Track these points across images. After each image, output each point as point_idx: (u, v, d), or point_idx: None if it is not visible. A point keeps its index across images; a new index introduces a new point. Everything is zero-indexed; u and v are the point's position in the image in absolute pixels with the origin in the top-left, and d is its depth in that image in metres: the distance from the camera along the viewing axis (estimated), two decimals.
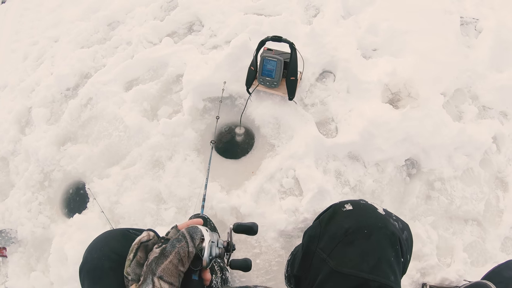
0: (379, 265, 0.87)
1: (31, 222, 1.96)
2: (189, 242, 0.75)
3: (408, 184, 1.83)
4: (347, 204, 1.01)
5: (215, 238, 0.81)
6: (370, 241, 0.90)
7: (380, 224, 0.93)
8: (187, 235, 0.76)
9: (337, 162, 1.79)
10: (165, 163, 1.85)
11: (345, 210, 0.99)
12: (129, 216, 1.76)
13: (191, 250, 0.74)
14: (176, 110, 2.02)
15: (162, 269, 0.71)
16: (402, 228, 1.00)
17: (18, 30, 3.08)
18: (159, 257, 0.73)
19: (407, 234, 1.01)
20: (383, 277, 0.86)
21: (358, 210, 0.99)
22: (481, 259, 1.77)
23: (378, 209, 0.99)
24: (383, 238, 0.91)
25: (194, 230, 0.78)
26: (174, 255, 0.72)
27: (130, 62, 2.22)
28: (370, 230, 0.92)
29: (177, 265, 0.72)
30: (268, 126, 1.89)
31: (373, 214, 0.97)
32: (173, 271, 0.71)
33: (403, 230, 1.00)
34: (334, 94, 1.96)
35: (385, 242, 0.91)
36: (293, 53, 1.69)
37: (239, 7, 2.37)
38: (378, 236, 0.91)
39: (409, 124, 1.75)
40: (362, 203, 1.02)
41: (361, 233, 0.92)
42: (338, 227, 0.95)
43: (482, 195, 1.86)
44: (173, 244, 0.74)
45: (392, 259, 0.90)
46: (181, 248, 0.73)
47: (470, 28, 2.34)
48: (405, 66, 1.96)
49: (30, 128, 2.30)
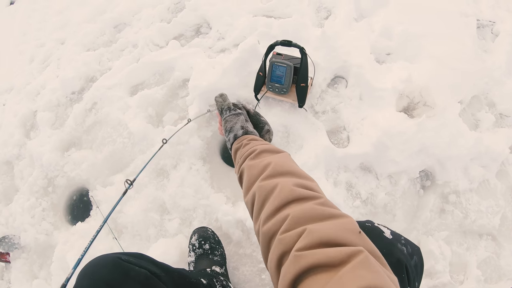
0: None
1: (35, 228, 1.93)
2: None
3: (421, 197, 1.76)
4: None
5: None
6: None
7: (384, 251, 0.86)
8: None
9: (348, 173, 1.72)
10: (169, 172, 1.80)
11: None
12: (132, 226, 1.72)
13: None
14: (181, 116, 1.96)
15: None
16: (411, 253, 0.93)
17: (25, 32, 3.06)
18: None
19: (416, 259, 0.95)
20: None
21: None
22: (494, 275, 1.70)
23: (385, 233, 0.93)
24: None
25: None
26: None
27: (135, 65, 2.16)
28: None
29: None
30: (277, 135, 1.83)
31: (379, 239, 0.91)
32: None
33: (412, 255, 0.93)
34: (346, 101, 1.88)
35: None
36: (304, 58, 1.63)
37: (247, 9, 2.30)
38: None
39: (424, 134, 1.68)
40: (367, 226, 0.96)
41: None
42: None
43: (497, 208, 1.78)
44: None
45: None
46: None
47: (487, 31, 2.25)
48: (421, 72, 1.88)
49: (35, 132, 2.27)
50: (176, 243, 1.60)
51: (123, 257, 0.92)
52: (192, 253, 1.52)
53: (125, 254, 0.95)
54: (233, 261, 1.59)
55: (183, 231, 1.65)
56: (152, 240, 1.67)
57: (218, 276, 1.38)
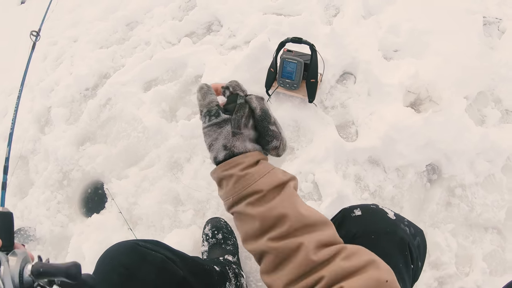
0: None
1: (50, 220, 1.98)
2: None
3: (428, 190, 1.80)
4: (356, 209, 0.99)
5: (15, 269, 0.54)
6: (377, 247, 0.86)
7: (388, 230, 0.91)
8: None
9: (357, 166, 1.77)
10: (183, 165, 1.85)
11: (354, 216, 0.97)
12: (147, 218, 1.77)
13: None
14: (195, 111, 2.02)
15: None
16: (414, 234, 0.97)
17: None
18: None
19: (419, 240, 0.98)
20: None
21: (367, 215, 0.97)
22: (500, 268, 1.72)
23: (389, 214, 0.97)
24: (391, 244, 0.89)
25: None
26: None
27: (148, 62, 2.22)
28: (378, 235, 0.90)
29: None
30: (287, 129, 1.87)
31: (382, 219, 0.95)
32: None
33: (415, 236, 0.96)
34: (355, 96, 1.93)
35: (393, 248, 0.88)
36: (314, 55, 1.67)
37: (258, 7, 2.35)
38: (386, 241, 0.89)
39: (431, 129, 1.72)
40: (372, 208, 0.99)
41: (367, 238, 0.90)
42: (346, 232, 0.93)
43: (503, 202, 1.81)
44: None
45: (400, 266, 0.87)
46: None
47: (493, 28, 2.28)
48: (427, 68, 1.92)
49: (49, 128, 2.32)
50: (190, 233, 1.65)
51: (140, 243, 0.98)
52: (205, 243, 1.57)
53: (142, 241, 1.00)
54: (245, 251, 1.63)
55: (196, 222, 1.70)
56: (167, 231, 1.72)
57: (231, 265, 1.43)
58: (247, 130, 0.78)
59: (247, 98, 0.81)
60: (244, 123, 0.77)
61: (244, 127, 0.77)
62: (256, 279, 1.60)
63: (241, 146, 0.76)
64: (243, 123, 0.77)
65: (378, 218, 0.95)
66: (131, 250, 0.95)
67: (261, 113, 0.78)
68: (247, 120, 0.78)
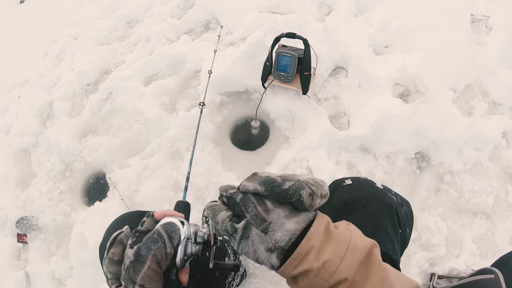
0: (376, 233, 0.92)
1: (52, 210, 2.04)
2: (167, 243, 0.63)
3: (418, 177, 1.88)
4: (347, 180, 1.06)
5: (192, 232, 0.69)
6: (367, 210, 0.95)
7: (377, 196, 0.98)
8: (165, 234, 0.64)
9: (349, 154, 1.85)
10: (183, 153, 1.93)
11: (345, 185, 1.05)
12: (148, 204, 1.83)
13: (169, 251, 0.63)
14: (194, 104, 2.10)
15: (141, 278, 0.61)
16: (401, 203, 1.04)
17: (38, 29, 3.19)
18: (134, 263, 0.62)
19: (406, 209, 1.05)
20: (380, 244, 0.87)
21: (357, 184, 1.05)
22: (489, 252, 1.79)
23: (377, 184, 1.05)
24: (380, 208, 0.96)
25: (172, 228, 0.65)
26: (151, 259, 0.61)
27: (149, 58, 2.31)
28: (367, 200, 0.97)
29: (157, 270, 0.62)
30: (282, 119, 1.96)
31: (371, 187, 1.03)
32: (153, 277, 0.62)
33: (402, 205, 1.04)
34: (346, 89, 2.02)
35: (382, 212, 0.95)
36: (307, 49, 1.76)
37: (254, 5, 2.45)
38: (375, 206, 0.96)
39: (418, 117, 1.81)
40: (362, 178, 1.08)
41: (358, 203, 0.97)
42: (338, 199, 1.00)
43: (491, 189, 1.89)
44: (148, 246, 0.62)
45: (389, 229, 0.94)
46: (157, 251, 0.62)
47: (481, 25, 2.38)
48: (415, 62, 2.02)
49: (51, 121, 2.39)
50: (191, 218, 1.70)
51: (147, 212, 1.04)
52: (205, 225, 1.62)
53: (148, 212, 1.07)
54: None
55: (197, 206, 1.77)
56: None
57: (230, 243, 1.49)
58: (273, 214, 0.59)
59: (241, 189, 0.63)
60: (264, 211, 0.59)
61: (268, 213, 0.59)
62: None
63: (284, 235, 0.57)
64: (263, 213, 0.59)
65: (367, 186, 1.04)
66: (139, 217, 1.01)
67: (265, 187, 0.60)
68: (263, 205, 0.60)
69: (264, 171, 0.64)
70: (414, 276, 1.64)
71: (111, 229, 1.02)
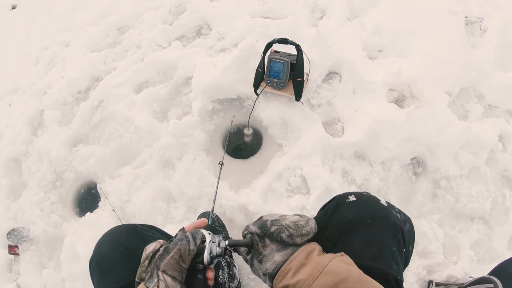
0: (382, 254, 0.88)
1: (43, 221, 2.00)
2: (191, 240, 0.80)
3: (414, 183, 1.86)
4: (350, 196, 1.01)
5: (216, 239, 0.86)
6: (372, 230, 0.91)
7: (382, 215, 0.94)
8: (189, 235, 0.82)
9: (344, 161, 1.82)
10: (175, 163, 1.90)
11: (349, 201, 0.99)
12: (140, 215, 1.80)
13: (192, 248, 0.79)
14: (185, 111, 2.07)
15: (164, 263, 0.76)
16: (404, 220, 1.01)
17: (29, 35, 3.15)
18: (162, 253, 0.78)
19: (409, 226, 1.02)
20: (385, 265, 0.87)
21: (361, 201, 0.99)
22: (487, 257, 1.78)
23: (381, 201, 1.00)
24: (385, 228, 0.92)
25: (196, 232, 0.83)
26: (176, 251, 0.77)
27: (140, 65, 2.27)
28: (373, 220, 0.93)
29: (178, 260, 0.77)
30: (275, 127, 1.93)
31: (376, 205, 0.98)
32: (174, 265, 0.77)
33: (405, 222, 1.00)
34: (340, 94, 1.99)
35: (387, 232, 0.92)
36: (299, 54, 1.73)
37: (246, 10, 2.42)
38: (380, 226, 0.92)
39: (414, 123, 1.78)
40: (365, 195, 1.03)
41: (363, 223, 0.92)
42: (342, 217, 0.95)
43: (488, 193, 1.87)
44: (175, 242, 0.80)
45: (394, 249, 0.90)
46: (182, 245, 0.78)
47: (475, 27, 2.36)
48: (410, 66, 1.99)
49: (42, 130, 2.35)
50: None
51: (138, 225, 1.02)
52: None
53: (140, 224, 1.04)
54: None
55: (189, 217, 1.74)
56: (160, 227, 1.75)
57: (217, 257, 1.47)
58: (267, 249, 0.83)
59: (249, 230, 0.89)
60: (262, 247, 0.84)
61: (264, 248, 0.84)
62: (248, 272, 1.64)
63: (271, 264, 0.80)
64: (261, 248, 0.84)
65: (371, 204, 0.98)
66: (130, 231, 1.00)
67: (260, 230, 0.85)
68: (262, 243, 0.85)
69: (268, 214, 0.89)
70: (411, 285, 1.62)
71: (101, 244, 0.99)
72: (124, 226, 1.03)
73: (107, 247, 0.96)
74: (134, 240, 0.96)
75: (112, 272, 0.93)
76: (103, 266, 0.95)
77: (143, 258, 0.82)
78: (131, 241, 0.96)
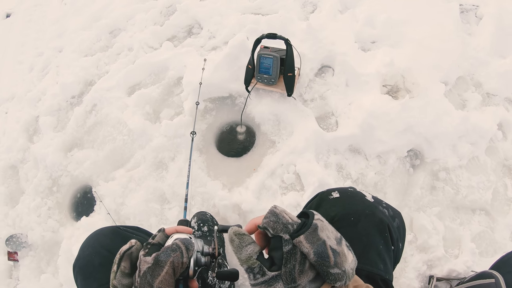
0: (367, 253, 0.85)
1: (41, 226, 2.01)
2: (184, 253, 0.71)
3: (411, 176, 1.82)
4: (334, 192, 0.97)
5: (200, 246, 0.80)
6: (357, 228, 0.87)
7: (367, 211, 0.90)
8: (182, 246, 0.72)
9: (338, 155, 1.79)
10: (168, 164, 1.88)
11: (332, 198, 0.96)
12: (134, 217, 1.79)
13: (185, 260, 0.70)
14: (177, 112, 2.05)
15: (159, 281, 0.67)
16: (393, 215, 0.96)
17: (23, 42, 3.17)
18: (153, 267, 0.68)
19: (398, 221, 0.97)
20: (371, 265, 0.84)
21: (345, 197, 0.96)
22: (490, 249, 1.73)
23: (367, 196, 0.96)
24: (371, 226, 0.88)
25: (189, 242, 0.74)
26: (169, 264, 0.68)
27: (131, 67, 2.27)
28: (357, 217, 0.89)
29: (172, 275, 0.69)
30: (268, 123, 1.91)
31: (361, 201, 0.94)
32: (169, 281, 0.68)
33: (394, 218, 0.96)
34: (333, 88, 1.96)
35: (373, 229, 0.88)
36: (289, 49, 1.70)
37: (236, 7, 2.40)
38: (365, 223, 0.88)
39: (409, 114, 1.74)
40: (350, 190, 0.99)
41: (347, 220, 0.89)
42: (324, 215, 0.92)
43: (489, 183, 1.83)
44: (168, 253, 0.70)
45: (381, 247, 0.87)
46: (175, 258, 0.69)
47: (471, 15, 2.32)
48: (404, 56, 1.95)
49: (38, 136, 2.36)
50: None
51: (122, 227, 1.00)
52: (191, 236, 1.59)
53: (123, 226, 1.03)
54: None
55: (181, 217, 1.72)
56: (154, 229, 1.74)
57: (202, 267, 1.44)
58: (304, 278, 0.62)
59: (295, 242, 0.63)
60: (298, 272, 0.61)
61: (300, 275, 0.61)
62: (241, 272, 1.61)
63: None
64: (297, 273, 0.61)
65: (356, 200, 0.94)
66: (113, 234, 0.99)
67: (316, 259, 0.61)
68: (301, 266, 0.62)
69: (324, 225, 0.67)
70: (411, 280, 1.59)
71: (84, 247, 0.99)
72: (107, 229, 1.01)
73: (89, 251, 0.95)
74: (117, 243, 0.93)
75: (94, 276, 0.93)
76: (86, 270, 0.94)
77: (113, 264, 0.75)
78: (114, 244, 0.94)
